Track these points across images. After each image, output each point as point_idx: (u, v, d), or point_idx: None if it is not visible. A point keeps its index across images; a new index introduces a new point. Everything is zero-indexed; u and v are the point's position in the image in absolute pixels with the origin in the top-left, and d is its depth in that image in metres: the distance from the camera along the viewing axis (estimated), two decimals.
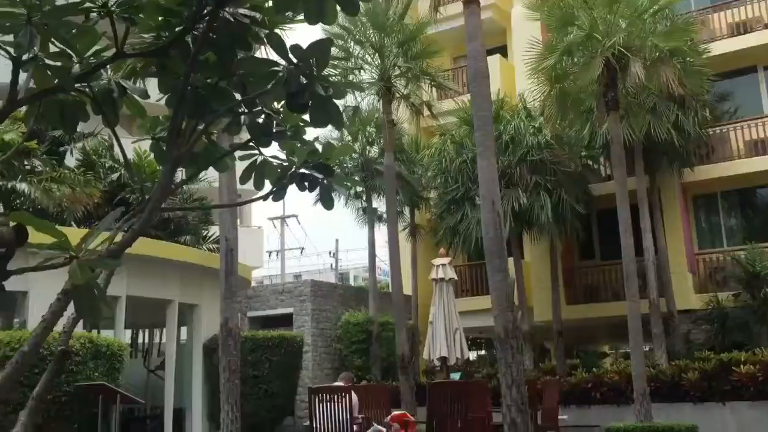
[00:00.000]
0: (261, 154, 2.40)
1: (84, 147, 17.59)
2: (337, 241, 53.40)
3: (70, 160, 16.80)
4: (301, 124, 2.29)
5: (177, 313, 14.09)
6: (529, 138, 16.35)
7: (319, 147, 2.33)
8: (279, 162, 2.37)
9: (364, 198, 21.85)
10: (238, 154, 2.43)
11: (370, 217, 20.42)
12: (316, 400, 8.67)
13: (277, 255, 43.38)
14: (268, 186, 2.43)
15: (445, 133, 18.19)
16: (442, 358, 10.35)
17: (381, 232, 21.64)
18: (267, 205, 74.87)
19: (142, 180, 19.15)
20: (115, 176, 18.16)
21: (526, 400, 7.61)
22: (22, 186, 15.05)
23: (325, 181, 2.31)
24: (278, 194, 2.36)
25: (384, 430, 9.22)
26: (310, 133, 3.02)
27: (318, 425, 8.61)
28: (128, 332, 19.77)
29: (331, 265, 46.21)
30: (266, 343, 14.46)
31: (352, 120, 17.90)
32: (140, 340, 20.27)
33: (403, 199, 21.65)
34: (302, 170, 2.33)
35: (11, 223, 2.03)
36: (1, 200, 15.76)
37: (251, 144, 2.35)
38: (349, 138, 20.31)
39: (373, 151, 21.14)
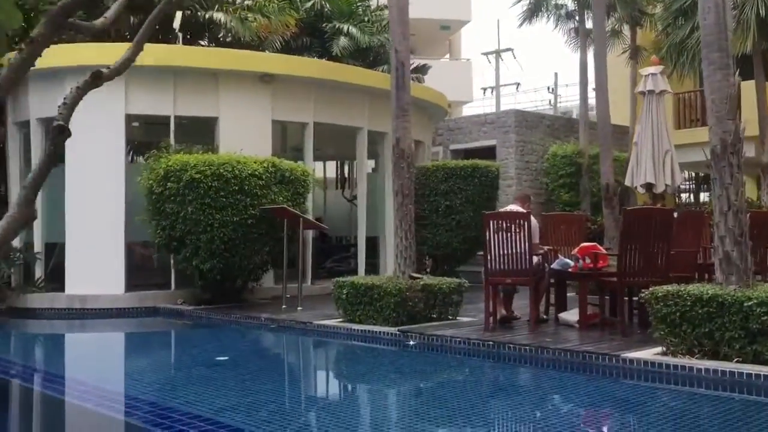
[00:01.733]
0: None
1: None
2: (556, 74, 50.38)
3: None
4: None
5: (366, 141, 13.62)
6: None
7: None
8: None
9: (576, 18, 19.54)
10: None
11: (582, 37, 18.20)
12: (491, 227, 7.74)
13: (492, 91, 41.66)
14: None
15: None
16: (647, 185, 8.84)
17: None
18: (480, 39, 71.74)
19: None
20: (309, 4, 17.68)
21: (746, 231, 6.06)
22: (219, 16, 15.01)
23: None
24: None
25: (571, 263, 8.14)
26: None
27: (493, 255, 7.74)
28: (331, 164, 20.04)
29: (550, 101, 43.66)
30: (459, 172, 13.64)
31: None
32: (344, 173, 20.52)
33: (621, 15, 19.03)
34: None
35: None
36: (200, 30, 15.95)
37: None
38: None
39: None
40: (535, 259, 8.13)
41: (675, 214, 7.77)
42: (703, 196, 25.42)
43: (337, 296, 8.84)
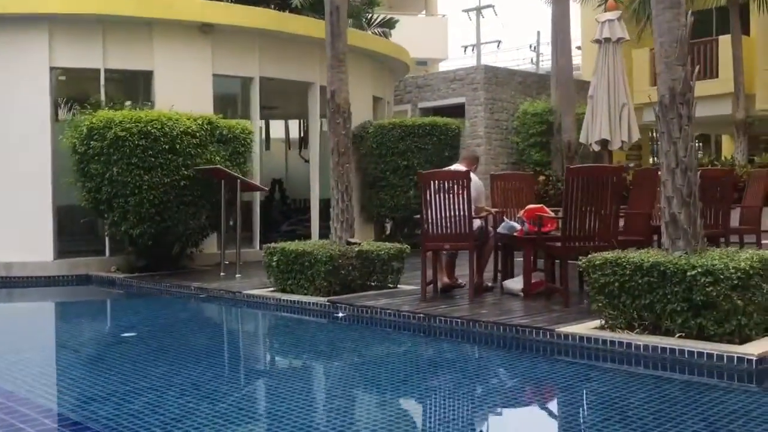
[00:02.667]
0: None
1: None
2: (538, 33, 48.97)
3: None
4: None
5: (319, 98, 12.84)
6: None
7: None
8: None
9: None
10: None
11: None
12: (430, 187, 7.06)
13: (473, 49, 40.58)
14: None
15: None
16: (602, 141, 8.15)
17: (575, 8, 18.39)
18: None
19: None
20: None
21: (696, 191, 5.41)
22: None
23: None
24: None
25: (518, 226, 7.49)
26: None
27: (431, 219, 7.07)
28: (286, 123, 19.18)
29: (532, 59, 42.65)
30: (416, 130, 12.89)
31: None
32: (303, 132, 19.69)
33: None
34: None
35: None
36: None
37: None
38: None
39: None
40: (477, 222, 7.48)
41: (630, 173, 7.10)
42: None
43: (268, 264, 8.18)
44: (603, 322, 5.51)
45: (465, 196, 6.97)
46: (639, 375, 4.93)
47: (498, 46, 45.59)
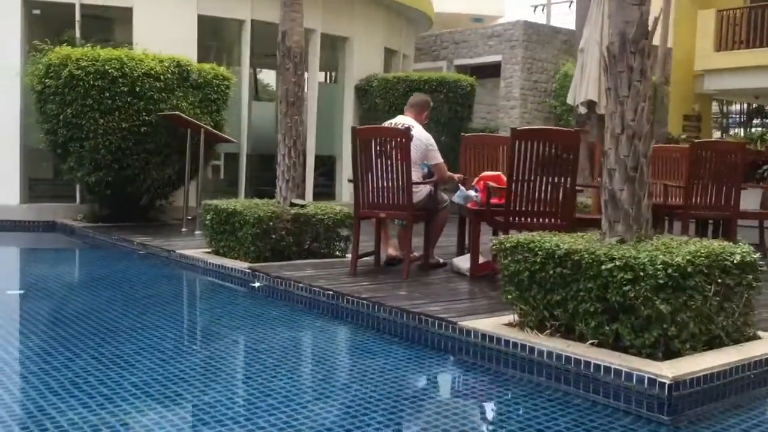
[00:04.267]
0: None
1: None
2: None
3: None
4: None
5: (318, 46, 11.91)
6: None
7: None
8: None
9: None
10: None
11: None
12: (361, 147, 6.09)
13: (543, 9, 38.59)
14: None
15: None
16: (588, 103, 6.97)
17: None
18: None
19: None
20: None
21: (645, 164, 4.29)
22: None
23: None
24: None
25: (473, 195, 6.45)
26: None
27: (363, 183, 6.11)
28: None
29: None
30: (423, 86, 11.82)
31: None
32: None
33: None
34: None
35: None
36: None
37: None
38: None
39: None
40: (425, 189, 6.49)
41: (590, 141, 5.96)
42: (758, 131, 22.82)
43: (204, 222, 7.43)
44: (514, 317, 4.51)
45: (401, 158, 5.98)
46: (531, 389, 3.93)
47: (570, 6, 43.19)
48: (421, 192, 6.40)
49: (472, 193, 6.49)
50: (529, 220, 5.65)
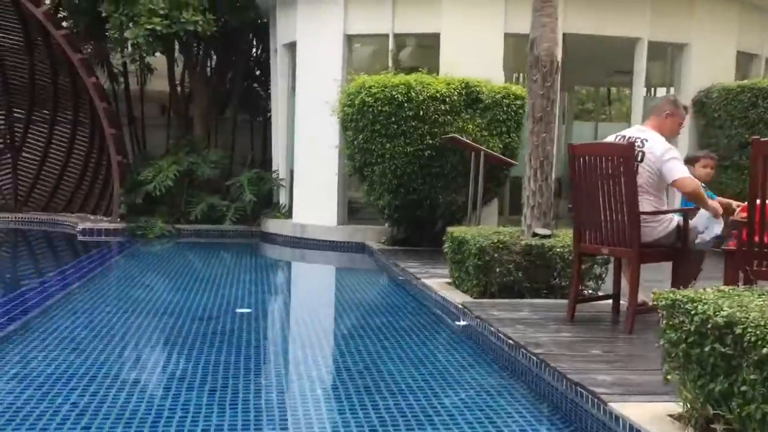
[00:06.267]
0: None
1: None
2: None
3: None
4: None
5: (645, 57, 10.49)
6: None
7: None
8: None
9: None
10: None
11: None
12: (578, 168, 4.90)
13: None
14: None
15: None
16: None
17: None
18: None
19: None
20: None
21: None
22: None
23: None
24: None
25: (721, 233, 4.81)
26: None
27: (583, 213, 4.95)
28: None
29: None
30: None
31: None
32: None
33: None
34: None
35: None
36: None
37: None
38: None
39: None
40: (673, 220, 5.09)
41: None
42: None
43: (445, 250, 6.90)
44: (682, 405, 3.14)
45: (624, 181, 4.76)
46: None
47: None
48: (661, 224, 5.01)
49: (717, 229, 4.91)
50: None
